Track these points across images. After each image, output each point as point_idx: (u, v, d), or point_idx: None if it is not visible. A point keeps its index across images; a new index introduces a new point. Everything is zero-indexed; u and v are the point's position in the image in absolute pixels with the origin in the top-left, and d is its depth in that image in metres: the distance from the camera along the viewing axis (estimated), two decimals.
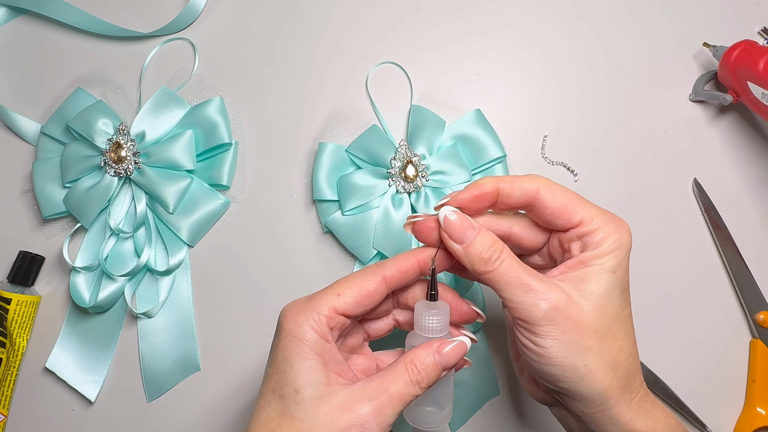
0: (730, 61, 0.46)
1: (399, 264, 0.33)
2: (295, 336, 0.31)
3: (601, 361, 0.31)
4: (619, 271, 0.32)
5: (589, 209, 0.33)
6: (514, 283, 0.31)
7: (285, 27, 0.52)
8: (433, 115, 0.48)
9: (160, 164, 0.48)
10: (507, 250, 0.32)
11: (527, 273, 0.31)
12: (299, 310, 0.31)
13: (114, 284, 0.48)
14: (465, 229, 0.32)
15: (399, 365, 0.31)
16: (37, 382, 0.49)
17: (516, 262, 0.31)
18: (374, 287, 0.32)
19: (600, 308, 0.31)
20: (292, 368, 0.30)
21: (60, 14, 0.53)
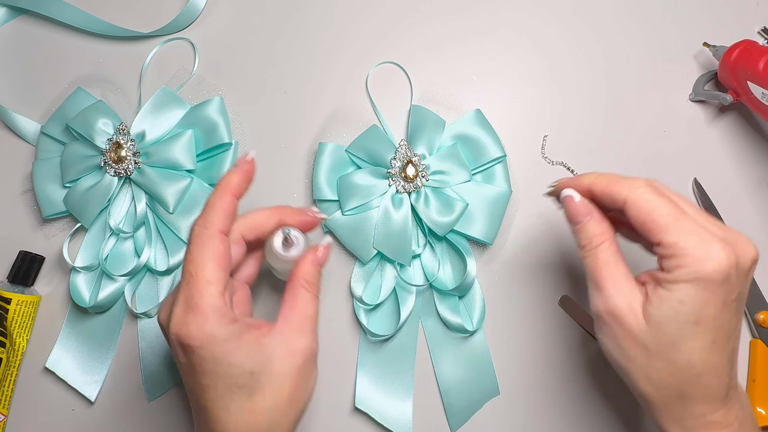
0: (730, 61, 0.46)
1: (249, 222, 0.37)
2: (213, 343, 0.31)
3: (644, 373, 0.32)
4: (692, 303, 0.31)
5: (675, 232, 0.31)
6: (592, 276, 0.34)
7: (285, 27, 0.52)
8: (433, 115, 0.48)
9: (160, 164, 0.48)
10: (604, 245, 0.34)
11: (607, 271, 0.33)
12: (199, 323, 0.31)
13: (114, 284, 0.48)
14: (578, 215, 0.35)
15: (299, 290, 0.35)
16: (37, 382, 0.49)
17: (603, 258, 0.34)
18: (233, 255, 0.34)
19: (654, 331, 0.32)
20: (233, 363, 0.31)
21: (60, 14, 0.53)
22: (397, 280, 0.47)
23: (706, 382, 0.32)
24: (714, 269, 0.30)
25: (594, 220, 0.35)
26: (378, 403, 0.46)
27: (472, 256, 0.46)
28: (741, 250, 0.32)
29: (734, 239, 0.32)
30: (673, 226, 0.31)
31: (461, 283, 0.46)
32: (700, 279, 0.30)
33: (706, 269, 0.30)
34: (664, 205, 0.32)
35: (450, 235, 0.47)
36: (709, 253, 0.30)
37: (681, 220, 0.32)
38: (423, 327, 0.48)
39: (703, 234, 0.31)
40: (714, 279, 0.30)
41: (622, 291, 0.33)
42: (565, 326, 0.48)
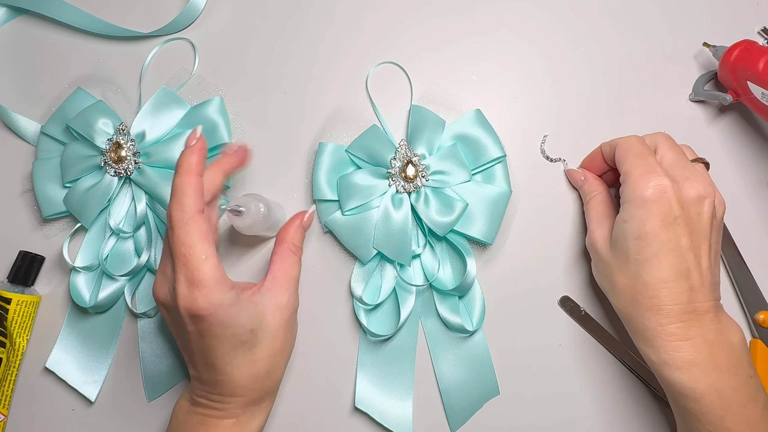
0: (730, 61, 0.46)
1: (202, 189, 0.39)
2: (220, 311, 0.35)
3: (612, 288, 0.40)
4: (632, 221, 0.38)
5: (630, 163, 0.39)
6: (587, 218, 0.45)
7: (285, 27, 0.52)
8: (433, 115, 0.48)
9: (160, 164, 0.48)
10: (596, 197, 0.45)
11: (594, 214, 0.44)
12: (205, 295, 0.35)
13: (114, 284, 0.48)
14: (576, 180, 0.47)
15: (287, 253, 0.41)
16: (37, 382, 0.49)
17: (593, 205, 0.44)
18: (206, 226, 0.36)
19: (613, 250, 0.40)
20: (237, 324, 0.36)
21: (60, 14, 0.53)
22: (397, 280, 0.47)
23: (653, 292, 0.37)
24: (646, 189, 0.37)
25: (587, 180, 0.46)
26: (378, 403, 0.46)
27: (472, 256, 0.46)
28: (688, 184, 0.38)
29: (686, 177, 0.38)
30: (631, 159, 0.39)
31: (461, 283, 0.46)
32: (636, 198, 0.37)
33: (639, 187, 0.37)
34: (636, 147, 0.40)
35: (450, 235, 0.47)
36: (647, 177, 0.38)
37: (642, 157, 0.39)
38: (423, 327, 0.48)
39: (654, 168, 0.38)
40: (647, 198, 0.37)
41: (601, 226, 0.42)
42: (565, 326, 0.48)
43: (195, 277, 0.34)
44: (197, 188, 0.37)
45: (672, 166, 0.40)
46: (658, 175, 0.38)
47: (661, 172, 0.38)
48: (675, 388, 0.36)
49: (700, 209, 0.38)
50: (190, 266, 0.34)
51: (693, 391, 0.35)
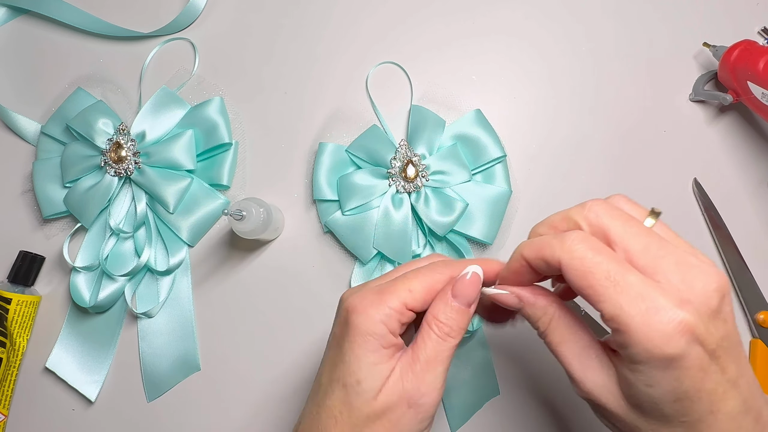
0: (730, 61, 0.46)
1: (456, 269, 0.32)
2: (365, 330, 0.30)
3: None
4: (661, 385, 0.25)
5: (614, 302, 0.25)
6: (559, 358, 0.30)
7: (285, 27, 0.52)
8: (433, 115, 0.48)
9: (161, 164, 0.48)
10: (551, 325, 0.30)
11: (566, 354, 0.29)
12: (370, 304, 0.31)
13: (114, 284, 0.48)
14: (511, 306, 0.31)
15: (424, 327, 0.31)
16: (37, 382, 0.49)
17: (556, 341, 0.30)
18: (441, 287, 0.32)
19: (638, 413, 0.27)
20: (358, 360, 0.30)
21: (60, 14, 0.53)
22: None
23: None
24: (667, 346, 0.24)
25: (526, 304, 0.31)
26: None
27: (473, 256, 0.46)
28: (695, 298, 0.25)
29: (684, 287, 0.25)
30: (612, 293, 0.25)
31: None
32: (656, 359, 0.25)
33: (659, 349, 0.24)
34: (603, 265, 0.26)
35: (450, 235, 0.47)
36: (656, 327, 0.24)
37: (621, 282, 0.25)
38: None
39: (650, 298, 0.25)
40: (673, 354, 0.24)
41: (592, 373, 0.28)
42: None
43: (385, 288, 0.31)
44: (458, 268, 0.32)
45: (654, 265, 0.26)
46: (664, 310, 0.24)
47: (664, 302, 0.24)
48: None
49: (725, 314, 0.26)
50: (392, 282, 0.31)
51: None
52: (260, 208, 0.43)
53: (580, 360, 0.29)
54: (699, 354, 0.25)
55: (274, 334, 0.48)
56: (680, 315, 0.24)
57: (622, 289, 0.25)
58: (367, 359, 0.30)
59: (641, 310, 0.24)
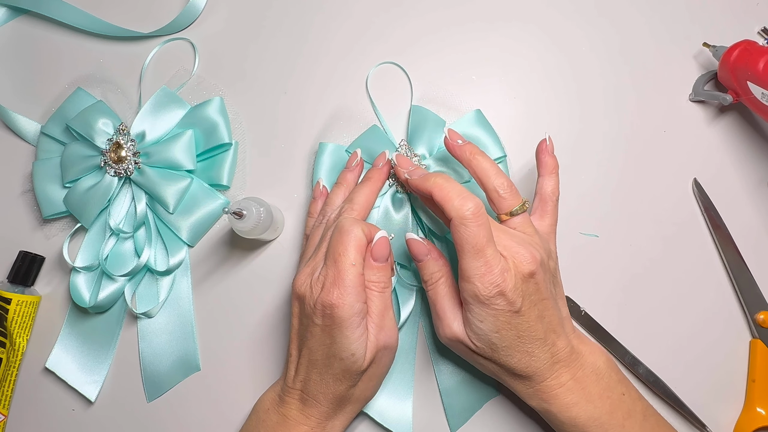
0: (730, 61, 0.46)
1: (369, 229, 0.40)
2: (350, 315, 0.37)
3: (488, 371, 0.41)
4: (485, 322, 0.37)
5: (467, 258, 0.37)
6: (433, 308, 0.41)
7: (286, 27, 0.52)
8: (433, 115, 0.48)
9: (160, 164, 0.48)
10: (441, 280, 0.40)
11: (444, 303, 0.40)
12: (342, 294, 0.37)
13: (114, 284, 0.48)
14: (420, 254, 0.41)
15: (367, 292, 0.39)
16: (37, 382, 0.49)
17: (440, 292, 0.40)
18: (365, 242, 0.39)
19: (478, 344, 0.39)
20: (348, 340, 0.38)
21: (60, 14, 0.53)
22: (398, 279, 0.47)
23: (525, 365, 0.38)
24: (480, 288, 0.36)
25: (432, 258, 0.41)
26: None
27: None
28: (518, 261, 0.37)
29: (515, 253, 0.38)
30: (469, 251, 0.36)
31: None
32: (474, 297, 0.37)
33: (475, 288, 0.36)
34: (475, 239, 0.36)
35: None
36: (478, 274, 0.36)
37: (479, 253, 0.36)
38: (423, 327, 0.48)
39: (490, 265, 0.36)
40: (485, 295, 0.36)
41: (457, 318, 0.39)
42: None
43: (339, 276, 0.37)
44: (371, 202, 0.44)
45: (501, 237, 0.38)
46: (492, 274, 0.36)
47: (492, 259, 0.36)
48: (562, 427, 0.40)
49: (536, 282, 0.38)
50: (338, 266, 0.37)
51: (576, 427, 0.39)
52: (260, 208, 0.43)
53: (451, 310, 0.40)
54: (504, 303, 0.37)
55: (274, 334, 0.48)
56: (498, 280, 0.36)
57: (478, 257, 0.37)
58: (354, 335, 0.38)
59: (475, 262, 0.36)
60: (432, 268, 0.41)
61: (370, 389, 0.42)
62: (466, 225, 0.36)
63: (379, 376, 0.42)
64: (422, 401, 0.47)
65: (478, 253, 0.36)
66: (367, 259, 0.40)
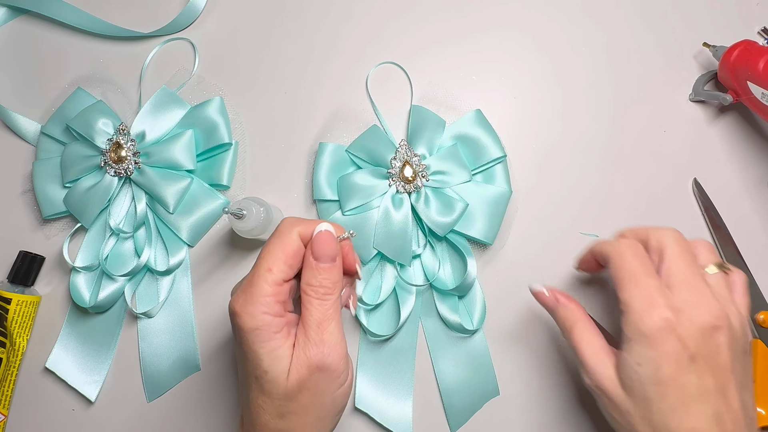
0: (730, 61, 0.46)
1: (309, 224, 0.35)
2: (251, 328, 0.32)
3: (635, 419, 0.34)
4: (647, 365, 0.33)
5: (629, 291, 0.34)
6: (576, 355, 0.37)
7: (286, 27, 0.52)
8: (433, 115, 0.48)
9: (160, 164, 0.48)
10: (577, 324, 0.37)
11: (584, 347, 0.36)
12: (245, 302, 0.33)
13: (114, 284, 0.48)
14: (548, 305, 0.39)
15: (303, 297, 0.34)
16: (37, 382, 0.49)
17: (578, 337, 0.37)
18: (296, 247, 0.34)
19: (629, 395, 0.34)
20: (256, 355, 0.33)
21: (60, 14, 0.53)
22: (398, 280, 0.47)
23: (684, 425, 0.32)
24: (651, 326, 0.32)
25: (561, 305, 0.39)
26: (378, 403, 0.46)
27: (473, 256, 0.46)
28: (696, 312, 0.33)
29: (695, 303, 0.33)
30: (629, 284, 0.34)
31: (461, 283, 0.46)
32: (642, 335, 0.33)
33: (644, 324, 0.32)
34: (633, 266, 0.35)
35: (450, 235, 0.47)
36: (648, 310, 0.33)
37: (641, 281, 0.34)
38: (423, 327, 0.48)
39: (654, 297, 0.33)
40: (655, 337, 0.32)
41: (601, 363, 0.35)
42: None
43: (251, 282, 0.33)
44: (311, 225, 0.35)
45: (679, 285, 0.34)
46: (660, 307, 0.33)
47: (663, 303, 0.33)
48: None
49: (716, 342, 0.33)
50: (254, 271, 0.34)
51: None
52: (260, 207, 0.43)
53: (593, 356, 0.36)
54: (675, 346, 0.32)
55: None
56: (668, 314, 0.33)
57: (639, 285, 0.34)
58: (264, 350, 0.32)
59: (643, 302, 0.33)
60: (563, 314, 0.38)
61: (309, 427, 0.33)
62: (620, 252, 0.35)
63: (320, 409, 0.33)
64: (422, 401, 0.47)
65: (638, 281, 0.34)
66: (306, 256, 0.34)
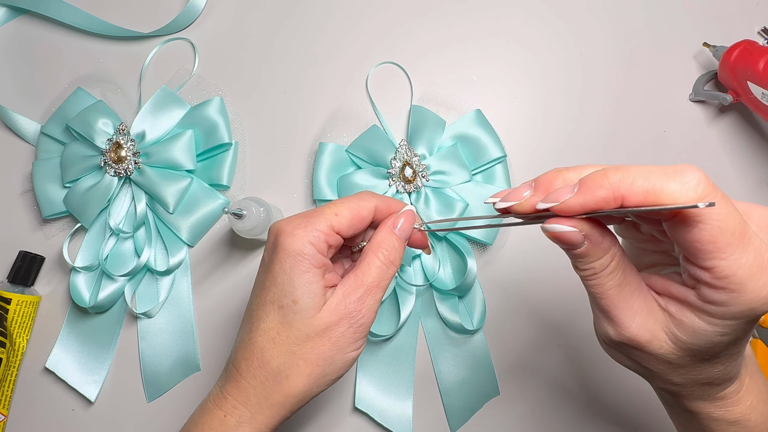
0: (730, 61, 0.46)
1: (390, 203, 0.35)
2: (295, 251, 0.32)
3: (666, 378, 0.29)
4: (733, 334, 0.26)
5: (733, 261, 0.23)
6: (599, 304, 0.28)
7: (285, 27, 0.52)
8: (433, 115, 0.48)
9: (160, 164, 0.48)
10: (610, 266, 0.27)
11: (618, 299, 0.27)
12: (298, 225, 0.32)
13: (114, 284, 0.48)
14: (574, 244, 0.26)
15: (369, 255, 0.33)
16: (37, 382, 0.49)
17: (610, 284, 0.27)
18: (367, 213, 0.34)
19: (682, 352, 0.27)
20: (291, 281, 0.31)
21: (60, 14, 0.53)
22: (397, 280, 0.47)
23: (730, 369, 0.29)
24: (760, 298, 0.24)
25: (593, 244, 0.26)
26: (378, 403, 0.46)
27: (473, 256, 0.46)
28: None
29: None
30: (736, 249, 0.23)
31: (461, 283, 0.46)
32: (755, 315, 0.25)
33: (762, 309, 0.24)
34: (732, 219, 0.23)
35: (450, 235, 0.47)
36: (752, 273, 0.24)
37: (745, 239, 0.24)
38: (423, 327, 0.48)
39: (764, 257, 0.24)
40: (758, 315, 0.25)
41: (640, 317, 0.27)
42: (565, 326, 0.48)
43: (313, 215, 0.32)
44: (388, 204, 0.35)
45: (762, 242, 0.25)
46: None
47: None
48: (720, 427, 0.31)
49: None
50: (319, 211, 0.33)
51: (744, 428, 0.31)
52: (260, 207, 0.43)
53: (629, 305, 0.27)
54: None
55: None
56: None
57: (745, 247, 0.23)
58: (300, 279, 0.31)
59: (758, 272, 0.24)
60: (595, 256, 0.26)
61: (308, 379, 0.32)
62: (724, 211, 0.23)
63: (328, 364, 0.32)
64: (422, 401, 0.47)
65: (744, 240, 0.23)
66: (386, 223, 0.34)
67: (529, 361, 0.47)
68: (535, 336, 0.48)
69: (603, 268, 0.27)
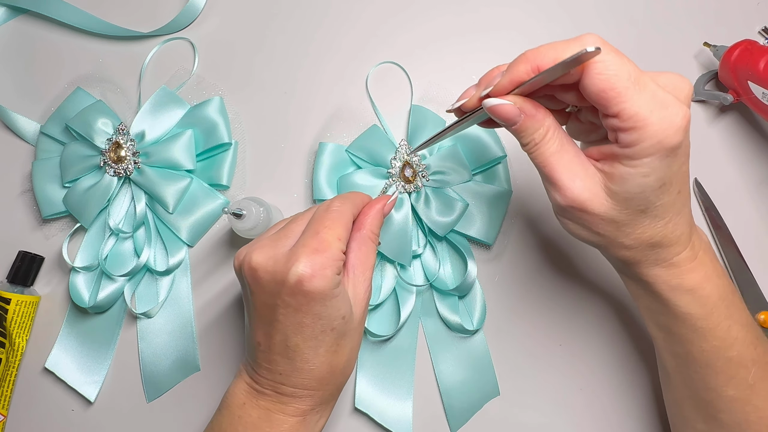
0: (731, 60, 0.46)
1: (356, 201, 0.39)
2: (332, 286, 0.34)
3: (617, 242, 0.33)
4: (657, 173, 0.29)
5: (635, 101, 0.28)
6: (542, 172, 0.32)
7: (285, 26, 0.52)
8: (433, 115, 0.48)
9: (160, 164, 0.48)
10: (547, 136, 0.31)
11: (557, 163, 0.31)
12: (322, 266, 0.34)
13: (114, 284, 0.48)
14: (511, 119, 0.32)
15: (363, 239, 0.38)
16: (36, 382, 0.49)
17: (549, 151, 0.32)
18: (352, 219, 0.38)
19: (622, 206, 0.31)
20: (336, 309, 0.34)
21: (60, 14, 0.53)
22: (398, 280, 0.47)
23: (674, 227, 0.32)
24: (678, 137, 0.29)
25: (528, 116, 0.31)
26: (378, 403, 0.46)
27: (473, 256, 0.46)
28: (686, 97, 0.30)
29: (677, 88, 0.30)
30: (633, 93, 0.28)
31: (462, 283, 0.46)
32: (664, 149, 0.29)
33: (671, 140, 0.28)
34: (625, 67, 0.28)
35: (450, 235, 0.47)
36: (672, 121, 0.28)
37: (640, 83, 0.28)
38: (423, 327, 0.48)
39: (660, 96, 0.29)
40: (677, 144, 0.29)
41: (580, 179, 0.31)
42: (565, 326, 0.48)
43: (322, 248, 0.34)
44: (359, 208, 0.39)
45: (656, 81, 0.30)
46: (673, 107, 0.29)
47: (671, 101, 0.29)
48: (684, 310, 0.34)
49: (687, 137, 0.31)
50: (320, 240, 0.34)
51: (704, 307, 0.34)
52: (260, 207, 0.43)
53: (568, 168, 0.31)
54: (687, 142, 0.30)
55: None
56: (685, 110, 0.29)
57: (641, 89, 0.28)
58: (342, 301, 0.35)
59: (657, 108, 0.28)
60: (532, 127, 0.31)
61: (352, 353, 0.37)
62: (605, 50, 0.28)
63: (358, 340, 0.38)
64: (422, 401, 0.47)
65: (639, 83, 0.28)
66: (378, 211, 0.38)
67: (529, 361, 0.47)
68: (535, 336, 0.48)
69: (541, 138, 0.31)
